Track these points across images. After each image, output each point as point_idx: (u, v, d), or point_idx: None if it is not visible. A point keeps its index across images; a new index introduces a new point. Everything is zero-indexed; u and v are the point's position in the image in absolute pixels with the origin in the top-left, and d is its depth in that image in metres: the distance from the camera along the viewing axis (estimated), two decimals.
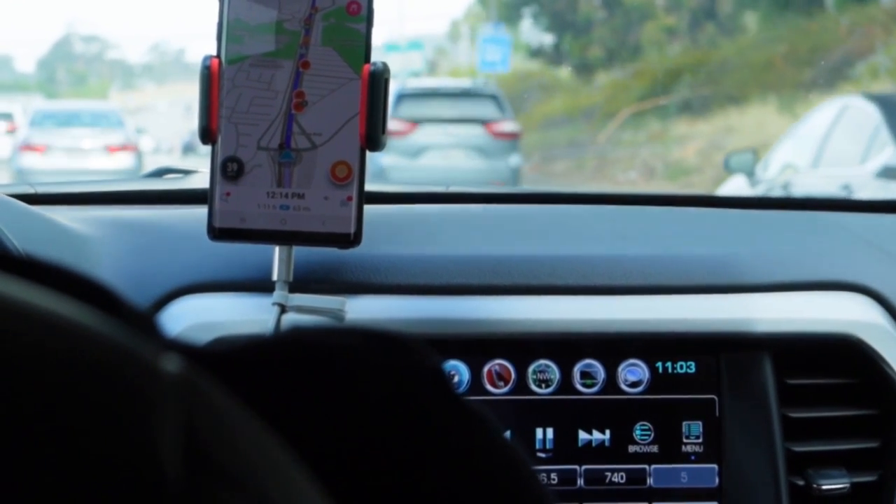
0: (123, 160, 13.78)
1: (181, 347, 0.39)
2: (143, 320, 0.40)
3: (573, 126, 17.23)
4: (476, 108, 12.68)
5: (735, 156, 6.88)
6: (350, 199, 0.95)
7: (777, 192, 6.28)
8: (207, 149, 0.95)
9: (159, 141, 23.98)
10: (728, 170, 6.78)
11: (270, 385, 0.43)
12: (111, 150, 13.87)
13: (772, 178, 6.49)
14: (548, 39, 20.78)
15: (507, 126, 12.57)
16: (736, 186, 6.67)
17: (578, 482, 1.10)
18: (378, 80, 0.94)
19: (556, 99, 19.01)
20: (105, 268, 1.07)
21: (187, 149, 21.29)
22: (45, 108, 16.01)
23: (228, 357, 0.43)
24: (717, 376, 1.11)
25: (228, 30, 0.94)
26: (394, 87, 12.38)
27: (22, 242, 1.03)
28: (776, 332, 1.11)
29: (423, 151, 11.88)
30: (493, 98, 12.88)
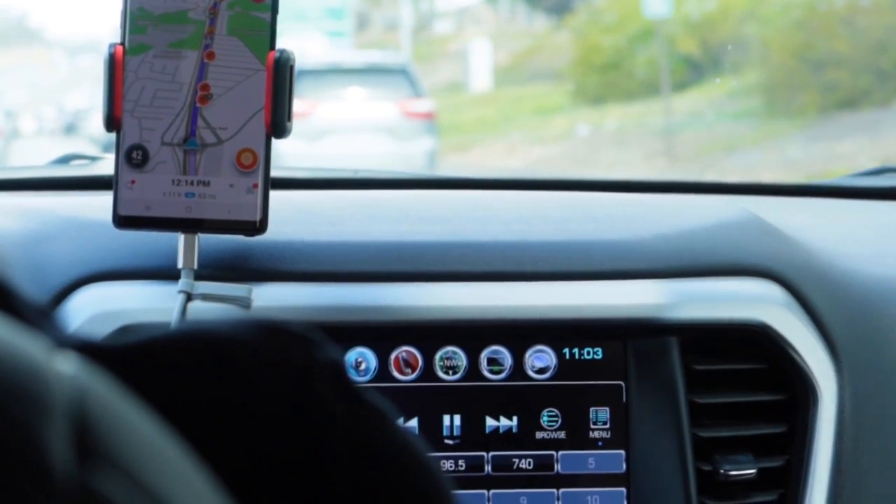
0: None
1: (77, 343, 0.45)
2: (38, 315, 0.46)
3: None
4: (385, 84, 12.58)
5: None
6: (256, 186, 1.07)
7: None
8: (90, 130, 1.06)
9: (42, 122, 23.69)
10: None
11: (167, 381, 0.48)
12: None
13: None
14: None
15: (422, 105, 12.50)
16: None
17: (486, 468, 1.22)
18: (283, 68, 1.06)
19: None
20: (7, 257, 1.16)
21: (69, 129, 21.11)
22: None
23: (125, 352, 0.47)
24: (625, 362, 1.23)
25: (132, 19, 1.05)
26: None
27: None
28: (683, 318, 1.23)
29: (324, 135, 11.65)
30: (404, 73, 12.79)
